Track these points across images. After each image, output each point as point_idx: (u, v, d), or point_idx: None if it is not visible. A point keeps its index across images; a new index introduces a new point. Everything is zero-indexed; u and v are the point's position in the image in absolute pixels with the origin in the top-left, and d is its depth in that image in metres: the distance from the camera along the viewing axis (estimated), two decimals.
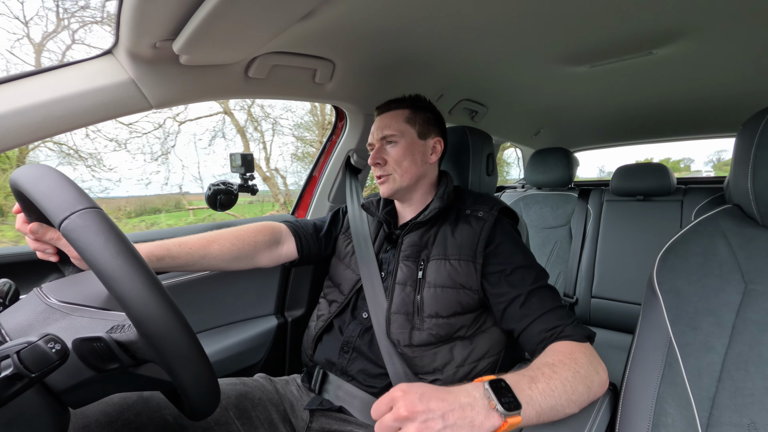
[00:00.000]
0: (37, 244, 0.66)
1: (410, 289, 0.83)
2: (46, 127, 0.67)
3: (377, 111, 0.95)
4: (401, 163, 0.89)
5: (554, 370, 0.60)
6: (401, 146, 0.89)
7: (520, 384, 0.55)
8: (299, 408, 0.88)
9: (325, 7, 0.69)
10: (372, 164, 0.91)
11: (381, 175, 0.91)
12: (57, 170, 0.48)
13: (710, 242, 0.68)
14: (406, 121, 0.91)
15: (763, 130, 0.62)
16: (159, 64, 0.76)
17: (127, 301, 0.41)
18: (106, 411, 0.68)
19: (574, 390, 0.58)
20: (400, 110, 0.92)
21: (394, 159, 0.89)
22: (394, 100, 0.94)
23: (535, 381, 0.57)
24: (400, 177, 0.89)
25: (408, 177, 0.90)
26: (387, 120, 0.91)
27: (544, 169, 2.01)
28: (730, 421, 0.57)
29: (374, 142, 0.92)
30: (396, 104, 0.93)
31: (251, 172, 1.16)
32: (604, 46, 1.01)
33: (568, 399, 0.57)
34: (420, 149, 0.91)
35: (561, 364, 0.61)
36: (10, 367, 0.35)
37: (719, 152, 13.26)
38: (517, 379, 0.56)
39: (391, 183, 0.90)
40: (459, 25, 0.87)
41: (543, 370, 0.59)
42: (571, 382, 0.59)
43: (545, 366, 0.61)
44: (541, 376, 0.58)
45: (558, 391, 0.57)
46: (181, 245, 0.80)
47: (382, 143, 0.91)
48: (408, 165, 0.89)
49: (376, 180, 0.93)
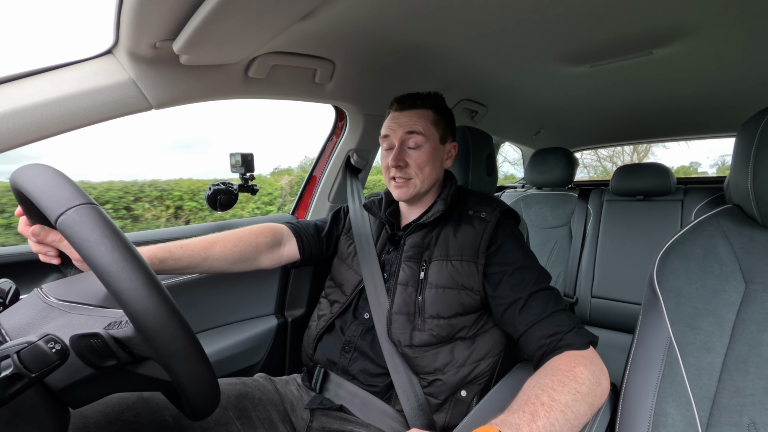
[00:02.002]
0: (39, 247, 0.66)
1: (412, 289, 0.83)
2: (46, 127, 0.67)
3: (398, 105, 0.89)
4: (423, 168, 0.86)
5: (553, 397, 0.57)
6: (425, 151, 0.86)
7: (520, 428, 0.53)
8: (300, 407, 0.88)
9: (325, 7, 0.69)
10: (393, 166, 0.86)
11: (401, 177, 0.87)
12: (54, 168, 0.48)
13: (710, 242, 0.68)
14: (432, 124, 0.87)
15: (763, 130, 0.62)
16: (159, 64, 0.76)
17: (122, 295, 0.41)
18: (106, 411, 0.68)
19: (576, 414, 0.57)
20: (425, 110, 0.87)
21: (416, 163, 0.86)
22: (418, 95, 0.88)
23: (535, 418, 0.54)
24: (420, 183, 0.87)
25: (428, 183, 0.88)
26: (412, 119, 0.86)
27: (544, 169, 2.01)
28: (730, 421, 0.57)
29: (394, 139, 0.87)
30: (421, 102, 0.88)
31: (251, 171, 1.16)
32: (604, 46, 1.01)
33: (571, 426, 0.56)
34: (440, 155, 0.89)
35: (561, 386, 0.59)
36: (10, 367, 0.35)
37: (723, 156, 13.50)
38: (516, 421, 0.54)
39: (411, 188, 0.87)
40: (459, 25, 0.87)
41: (542, 399, 0.57)
42: (572, 407, 0.57)
43: (544, 393, 0.58)
44: (540, 408, 0.56)
45: (560, 422, 0.55)
46: (183, 247, 0.80)
47: (404, 144, 0.86)
48: (429, 171, 0.87)
49: (391, 181, 0.89)
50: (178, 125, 10.25)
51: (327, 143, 1.37)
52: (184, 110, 5.35)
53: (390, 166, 0.87)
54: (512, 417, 0.54)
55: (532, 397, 0.58)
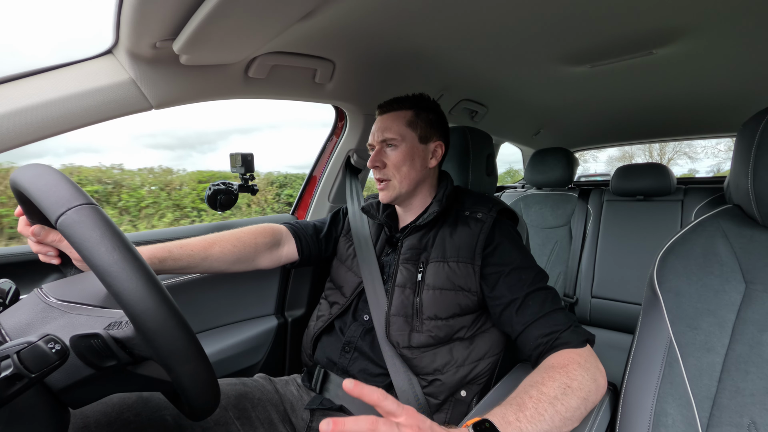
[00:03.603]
0: (39, 247, 0.66)
1: (409, 291, 0.83)
2: (46, 127, 0.67)
3: (379, 110, 0.92)
4: (400, 168, 0.87)
5: (542, 390, 0.58)
6: (401, 151, 0.87)
7: (506, 417, 0.53)
8: (299, 408, 0.88)
9: (325, 7, 0.69)
10: (371, 167, 0.89)
11: (381, 179, 0.89)
12: (54, 168, 0.48)
13: (710, 242, 0.68)
14: (407, 125, 0.88)
15: (763, 131, 0.62)
16: (159, 64, 0.76)
17: (122, 296, 0.40)
18: (106, 411, 0.68)
19: (567, 407, 0.57)
20: (402, 111, 0.89)
21: (393, 163, 0.87)
22: (397, 99, 0.90)
23: (522, 408, 0.55)
24: (399, 183, 0.88)
25: (407, 183, 0.88)
26: (388, 121, 0.88)
27: (544, 169, 2.01)
28: (730, 421, 0.57)
29: (374, 143, 0.90)
30: (399, 104, 0.89)
31: (251, 171, 1.16)
32: (604, 46, 1.01)
33: (563, 418, 0.56)
34: (420, 154, 0.89)
35: (550, 381, 0.60)
36: (10, 367, 0.35)
37: (719, 163, 13.86)
38: (503, 412, 0.54)
39: (391, 190, 0.89)
40: (459, 25, 0.87)
41: (530, 393, 0.58)
42: (561, 400, 0.57)
43: (533, 387, 0.59)
44: (528, 400, 0.56)
45: (549, 413, 0.55)
46: (182, 247, 0.81)
47: (382, 145, 0.89)
48: (407, 170, 0.87)
49: (376, 184, 0.91)
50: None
51: (327, 143, 1.37)
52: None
53: (369, 167, 0.90)
54: (499, 409, 0.55)
55: (521, 392, 0.59)
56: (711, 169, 14.34)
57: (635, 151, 13.77)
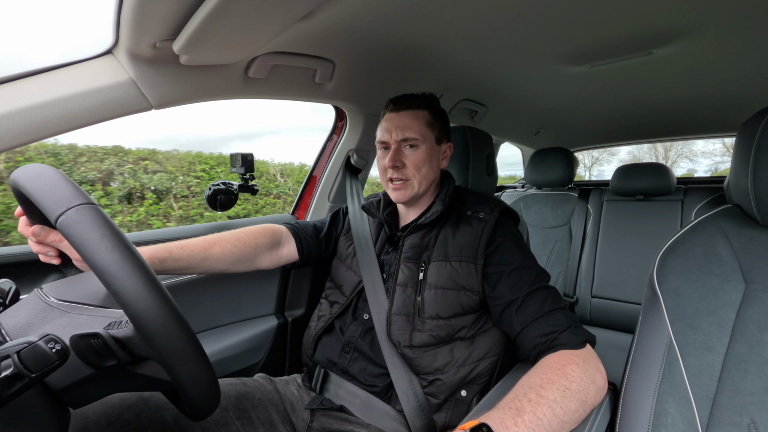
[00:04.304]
0: (39, 247, 0.65)
1: (411, 290, 0.83)
2: (46, 127, 0.67)
3: (393, 106, 0.88)
4: (420, 169, 0.86)
5: (541, 393, 0.58)
6: (422, 151, 0.85)
7: (504, 422, 0.53)
8: (300, 408, 0.88)
9: (325, 7, 0.69)
10: (390, 167, 0.86)
11: (399, 179, 0.86)
12: (54, 168, 0.48)
13: (710, 242, 0.68)
14: (427, 125, 0.87)
15: (763, 130, 0.62)
16: (159, 64, 0.76)
17: (122, 295, 0.40)
18: (106, 412, 0.68)
19: (566, 410, 0.57)
20: (420, 111, 0.87)
21: (414, 164, 0.85)
22: (413, 97, 0.88)
23: (521, 413, 0.55)
24: (418, 183, 0.87)
25: (426, 183, 0.88)
26: (408, 120, 0.85)
27: (544, 169, 2.01)
28: (730, 421, 0.57)
29: (389, 141, 0.87)
30: (416, 103, 0.87)
31: (251, 171, 1.17)
32: (604, 46, 1.01)
33: (561, 421, 0.56)
34: (437, 155, 0.89)
35: (549, 384, 0.59)
36: (11, 367, 0.35)
37: (717, 163, 14.09)
38: (501, 416, 0.54)
39: (409, 190, 0.87)
40: (459, 25, 0.87)
41: (529, 396, 0.57)
42: (561, 403, 0.57)
43: (531, 390, 0.59)
44: (527, 404, 0.56)
45: (547, 417, 0.55)
46: (183, 248, 0.81)
47: (400, 145, 0.86)
48: (426, 171, 0.86)
49: (389, 183, 0.88)
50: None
51: (327, 143, 1.37)
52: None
53: (387, 167, 0.86)
54: (497, 413, 0.55)
55: (519, 394, 0.59)
56: (709, 168, 14.47)
57: (643, 156, 13.89)
